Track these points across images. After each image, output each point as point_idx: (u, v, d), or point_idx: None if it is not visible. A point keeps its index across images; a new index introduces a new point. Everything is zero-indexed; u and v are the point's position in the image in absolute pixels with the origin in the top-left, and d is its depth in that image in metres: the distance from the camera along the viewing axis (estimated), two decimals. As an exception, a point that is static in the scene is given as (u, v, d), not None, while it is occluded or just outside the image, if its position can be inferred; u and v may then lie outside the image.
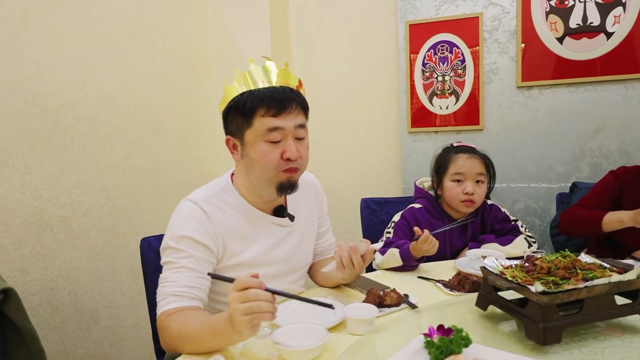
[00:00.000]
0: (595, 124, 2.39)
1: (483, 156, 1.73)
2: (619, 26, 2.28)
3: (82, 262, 1.92)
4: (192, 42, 2.66)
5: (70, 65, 1.87)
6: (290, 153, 1.14)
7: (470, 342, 0.83)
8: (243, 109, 1.14)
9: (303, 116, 1.19)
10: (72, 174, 1.87)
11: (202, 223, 1.17)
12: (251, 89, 1.14)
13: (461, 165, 1.68)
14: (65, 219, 1.84)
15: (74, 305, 1.89)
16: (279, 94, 1.13)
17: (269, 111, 1.12)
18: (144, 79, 2.27)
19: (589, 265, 0.98)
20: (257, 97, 1.13)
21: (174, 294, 1.09)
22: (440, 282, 1.34)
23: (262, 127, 1.13)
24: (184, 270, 1.12)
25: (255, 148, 1.15)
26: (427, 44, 2.63)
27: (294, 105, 1.15)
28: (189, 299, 1.09)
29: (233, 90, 1.17)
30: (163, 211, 2.39)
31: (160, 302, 1.10)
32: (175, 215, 1.20)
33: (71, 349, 1.86)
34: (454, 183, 1.68)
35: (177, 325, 1.02)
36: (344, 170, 2.99)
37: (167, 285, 1.11)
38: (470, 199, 1.65)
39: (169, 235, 1.17)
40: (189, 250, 1.14)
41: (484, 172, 1.69)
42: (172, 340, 1.03)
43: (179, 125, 2.53)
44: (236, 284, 0.89)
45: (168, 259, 1.15)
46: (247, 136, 1.16)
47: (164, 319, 1.06)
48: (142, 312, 2.24)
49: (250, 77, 1.16)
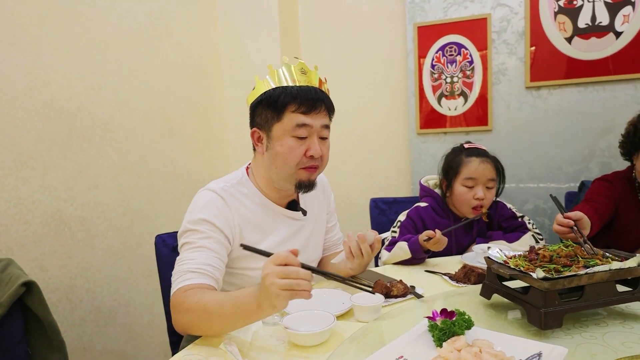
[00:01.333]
0: (604, 124, 2.39)
1: (494, 160, 1.72)
2: (628, 25, 2.29)
3: (98, 261, 1.98)
4: (203, 49, 2.73)
5: (86, 71, 1.94)
6: (314, 151, 1.20)
7: (472, 324, 0.85)
8: (275, 103, 1.19)
9: (328, 118, 1.26)
10: (89, 175, 1.94)
11: (221, 210, 1.21)
12: (284, 85, 1.20)
13: (474, 170, 1.67)
14: (83, 219, 1.90)
15: (92, 303, 1.94)
16: (311, 94, 1.19)
17: (300, 108, 1.18)
18: (157, 84, 2.34)
19: (590, 255, 1.00)
20: (291, 94, 1.18)
21: (192, 271, 1.09)
22: (447, 275, 1.36)
23: (291, 122, 1.18)
24: (203, 249, 1.13)
25: (281, 142, 1.20)
26: (435, 46, 2.66)
27: (323, 106, 1.21)
28: (207, 277, 1.10)
29: (265, 84, 1.22)
30: (176, 213, 2.45)
31: (177, 280, 1.10)
32: (195, 202, 1.24)
33: (89, 345, 1.92)
34: (465, 188, 1.68)
35: (194, 299, 1.01)
36: (354, 173, 3.02)
37: (185, 263, 1.11)
38: (480, 204, 1.66)
39: (188, 219, 1.20)
40: (207, 232, 1.16)
41: (495, 178, 1.69)
42: (187, 315, 1.02)
43: (191, 130, 2.60)
44: (275, 257, 0.89)
45: (186, 240, 1.17)
46: (275, 130, 1.21)
47: (180, 294, 1.06)
48: (157, 310, 2.29)
49: (283, 74, 1.21)
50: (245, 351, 0.95)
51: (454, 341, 0.80)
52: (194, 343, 1.02)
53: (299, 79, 1.21)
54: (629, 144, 1.62)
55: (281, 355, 0.93)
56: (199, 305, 0.99)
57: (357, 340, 0.92)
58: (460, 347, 0.77)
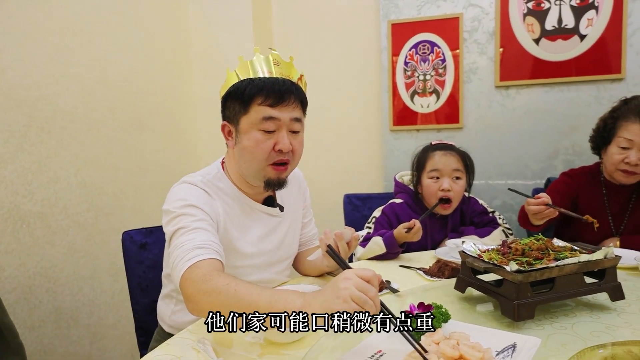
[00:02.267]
0: (569, 123, 2.46)
1: (460, 152, 1.76)
2: (592, 29, 2.36)
3: (60, 259, 1.89)
4: (173, 39, 2.65)
5: (47, 58, 1.84)
6: (283, 145, 1.15)
7: (449, 317, 0.85)
8: (242, 95, 1.15)
9: (300, 110, 1.20)
10: (50, 169, 1.85)
11: (205, 200, 1.16)
12: (252, 77, 1.15)
13: (437, 162, 1.71)
14: (43, 215, 1.81)
15: (52, 304, 1.86)
16: (278, 85, 1.14)
17: (266, 100, 1.13)
18: (124, 74, 2.25)
19: (560, 248, 1.01)
20: (257, 86, 1.13)
21: (199, 247, 1.01)
22: (421, 270, 1.37)
23: (257, 115, 1.14)
24: (199, 230, 1.06)
25: (248, 136, 1.16)
26: (408, 44, 2.67)
27: (292, 98, 1.15)
28: (214, 252, 1.02)
29: (235, 76, 1.18)
30: (144, 209, 2.38)
31: (183, 259, 1.00)
32: (176, 193, 1.17)
33: (50, 348, 1.83)
34: (431, 180, 1.71)
35: (225, 281, 0.91)
36: (327, 169, 3.01)
37: (185, 243, 1.03)
38: (447, 196, 1.68)
39: (174, 206, 1.12)
40: (199, 215, 1.10)
41: (460, 168, 1.72)
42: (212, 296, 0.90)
43: (160, 123, 2.52)
44: (362, 271, 0.83)
45: (178, 225, 1.08)
46: (242, 123, 1.16)
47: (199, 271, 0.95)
48: (123, 311, 2.21)
49: (252, 66, 1.17)
50: (219, 349, 0.92)
51: (432, 334, 0.79)
52: (165, 343, 0.98)
53: (272, 71, 1.16)
54: (599, 138, 1.67)
55: (257, 353, 0.91)
56: (229, 289, 0.89)
57: (335, 337, 0.91)
58: (438, 340, 0.77)
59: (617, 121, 1.59)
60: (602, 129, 1.65)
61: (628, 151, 1.54)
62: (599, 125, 1.68)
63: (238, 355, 0.90)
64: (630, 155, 1.53)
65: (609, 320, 0.93)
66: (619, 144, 1.56)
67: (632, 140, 1.53)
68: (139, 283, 1.53)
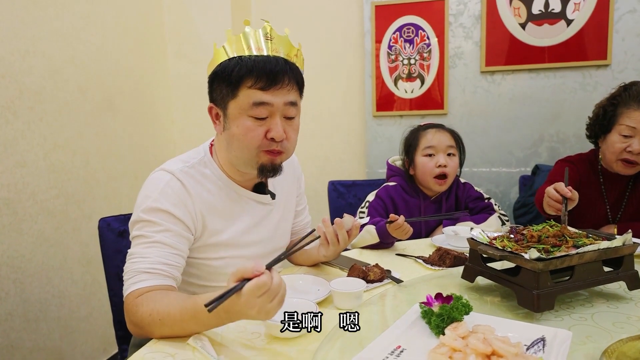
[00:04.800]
0: (554, 110, 2.46)
1: (451, 131, 1.75)
2: (578, 13, 2.36)
3: (28, 248, 1.75)
4: (146, 18, 2.50)
5: (12, 33, 1.69)
6: (276, 133, 1.03)
7: (470, 309, 0.80)
8: (229, 77, 1.02)
9: (296, 93, 1.08)
10: (16, 152, 1.70)
11: (181, 197, 1.05)
12: (241, 55, 1.02)
13: (431, 139, 1.69)
14: (9, 200, 1.67)
15: (20, 296, 1.72)
16: (271, 65, 1.00)
17: (257, 83, 1.00)
18: (94, 53, 2.10)
19: (577, 234, 0.98)
20: (246, 66, 1.00)
21: (146, 271, 0.96)
22: (421, 258, 1.32)
23: (247, 100, 1.01)
24: (158, 245, 0.99)
25: (237, 122, 1.04)
26: (392, 27, 2.61)
27: (286, 79, 1.03)
28: (162, 277, 0.97)
29: (222, 53, 1.05)
30: (117, 196, 2.25)
31: (129, 281, 0.97)
32: (149, 186, 1.07)
33: (17, 343, 1.70)
34: (426, 158, 1.68)
35: (147, 310, 0.89)
36: (307, 156, 2.92)
37: (138, 261, 0.98)
38: (443, 172, 1.65)
39: (142, 207, 1.03)
40: (165, 224, 1.01)
41: (454, 145, 1.71)
42: (141, 324, 0.92)
43: (133, 106, 2.38)
44: (254, 289, 0.75)
45: (140, 232, 1.02)
46: (231, 108, 1.04)
47: (133, 300, 0.94)
48: (95, 302, 2.09)
49: (242, 41, 1.04)
50: (217, 347, 0.84)
51: (455, 328, 0.74)
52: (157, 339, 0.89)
53: (262, 47, 1.03)
54: (597, 126, 1.61)
55: (259, 349, 0.83)
56: (152, 319, 0.89)
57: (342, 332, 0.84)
58: (463, 334, 0.71)
59: (618, 108, 1.53)
60: (602, 116, 1.58)
61: (630, 139, 1.49)
62: (597, 112, 1.62)
63: (239, 352, 0.83)
64: (633, 143, 1.48)
65: (628, 310, 0.90)
66: (621, 132, 1.51)
67: (635, 128, 1.48)
68: (118, 273, 1.41)
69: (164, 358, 0.82)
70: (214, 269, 1.15)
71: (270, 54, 1.03)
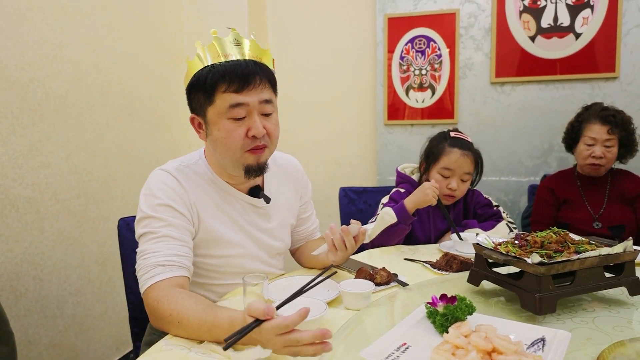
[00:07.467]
0: (563, 120, 2.46)
1: (476, 153, 1.72)
2: (587, 27, 2.39)
3: (48, 246, 1.82)
4: (166, 26, 2.58)
5: (41, 40, 1.77)
6: (255, 130, 1.08)
7: (474, 309, 0.84)
8: (204, 85, 1.07)
9: (270, 91, 1.12)
10: (41, 153, 1.78)
11: (178, 192, 1.11)
12: (212, 64, 1.08)
13: (453, 162, 1.66)
14: (32, 200, 1.74)
15: (39, 292, 1.79)
16: (241, 68, 1.06)
17: (230, 87, 1.06)
18: (117, 59, 2.18)
19: (578, 241, 1.01)
20: (218, 72, 1.05)
21: (160, 264, 1.01)
22: (428, 263, 1.36)
23: (224, 104, 1.06)
24: (166, 239, 1.04)
25: (218, 126, 1.09)
26: (404, 38, 2.66)
27: (257, 79, 1.07)
28: (176, 268, 1.02)
29: (195, 65, 1.10)
30: (134, 197, 2.31)
31: (144, 276, 1.01)
32: (149, 184, 1.13)
33: (35, 338, 1.76)
34: (441, 177, 1.68)
35: (168, 310, 0.94)
36: (319, 162, 2.98)
37: (150, 256, 1.03)
38: (451, 194, 1.68)
39: (146, 205, 1.09)
40: (169, 219, 1.07)
41: (471, 172, 1.70)
42: (161, 323, 0.96)
43: (151, 110, 2.45)
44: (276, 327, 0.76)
45: (146, 229, 1.07)
46: (210, 114, 1.10)
47: (151, 294, 0.98)
48: (110, 301, 2.15)
49: (211, 51, 1.09)
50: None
51: (459, 327, 0.78)
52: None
53: (229, 53, 1.08)
54: (569, 139, 1.99)
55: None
56: (172, 319, 0.93)
57: (351, 329, 0.88)
58: (466, 333, 0.75)
59: (582, 124, 1.92)
60: (571, 131, 1.97)
61: (593, 147, 1.87)
62: (568, 128, 2.00)
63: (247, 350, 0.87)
64: (595, 150, 1.85)
65: (629, 315, 0.94)
66: (586, 142, 1.89)
67: (595, 138, 1.86)
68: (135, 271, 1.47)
69: (181, 350, 0.87)
70: (211, 266, 1.20)
71: (239, 58, 1.09)
